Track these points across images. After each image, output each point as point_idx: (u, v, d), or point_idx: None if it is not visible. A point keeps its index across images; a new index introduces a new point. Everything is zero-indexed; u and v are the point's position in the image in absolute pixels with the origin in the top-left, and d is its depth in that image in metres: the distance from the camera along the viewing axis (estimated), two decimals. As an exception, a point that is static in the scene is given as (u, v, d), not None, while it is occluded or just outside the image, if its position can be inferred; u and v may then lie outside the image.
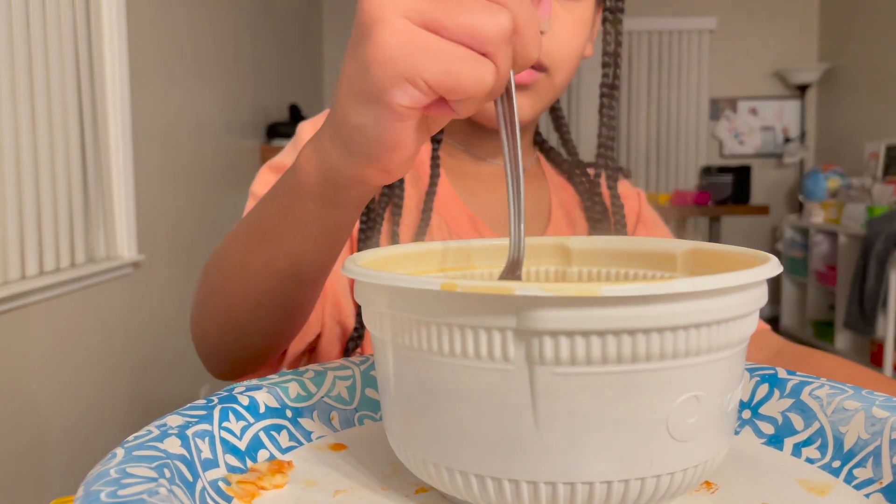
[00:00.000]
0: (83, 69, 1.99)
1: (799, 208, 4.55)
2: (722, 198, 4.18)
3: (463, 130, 0.70)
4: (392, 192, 0.65)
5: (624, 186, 0.78)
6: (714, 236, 4.00)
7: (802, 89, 4.69)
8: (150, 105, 2.34)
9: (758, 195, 4.75)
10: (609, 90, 0.69)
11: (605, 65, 0.69)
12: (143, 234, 2.28)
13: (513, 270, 0.36)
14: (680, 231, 4.05)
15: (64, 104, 1.90)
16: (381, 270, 0.32)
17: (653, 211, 0.79)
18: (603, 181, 0.73)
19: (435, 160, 0.66)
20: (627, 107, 4.85)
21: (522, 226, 0.35)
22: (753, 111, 4.84)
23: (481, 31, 0.30)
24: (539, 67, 0.61)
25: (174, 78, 2.53)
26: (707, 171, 4.35)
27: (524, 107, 0.62)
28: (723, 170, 4.27)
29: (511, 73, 0.32)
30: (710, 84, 4.80)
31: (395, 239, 0.64)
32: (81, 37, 1.99)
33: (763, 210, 3.88)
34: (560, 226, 0.72)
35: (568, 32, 0.61)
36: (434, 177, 0.66)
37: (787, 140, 4.79)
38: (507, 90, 0.34)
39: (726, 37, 4.75)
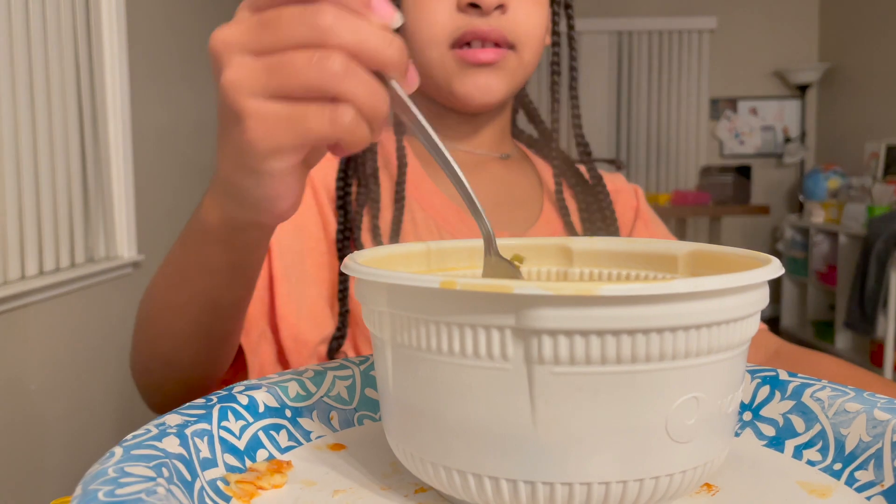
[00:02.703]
0: (83, 70, 1.99)
1: (799, 208, 4.55)
2: (722, 198, 4.18)
3: (432, 116, 0.70)
4: (368, 190, 0.65)
5: (620, 181, 0.79)
6: (714, 236, 4.00)
7: (803, 89, 4.69)
8: (150, 105, 2.34)
9: (758, 195, 4.74)
10: (557, 68, 0.71)
11: (554, 44, 0.71)
12: (143, 234, 2.28)
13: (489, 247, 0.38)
14: (680, 231, 4.05)
15: (64, 105, 1.90)
16: (380, 269, 0.32)
17: (650, 209, 0.80)
18: (583, 167, 0.76)
19: (400, 150, 0.66)
20: (627, 107, 4.84)
21: (480, 209, 0.37)
22: (754, 111, 4.83)
23: (315, 84, 0.30)
24: (505, 44, 0.62)
25: (173, 78, 2.53)
26: (707, 171, 4.35)
27: (492, 84, 0.63)
28: (723, 170, 4.27)
29: (393, 83, 0.32)
30: (711, 84, 4.80)
31: (376, 233, 0.64)
32: (81, 37, 1.99)
33: (763, 210, 3.88)
34: (552, 215, 0.72)
35: (528, 9, 0.63)
36: (401, 166, 0.66)
37: (787, 140, 4.79)
38: (395, 98, 0.33)
39: (726, 36, 4.74)
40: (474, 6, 0.60)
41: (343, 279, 0.63)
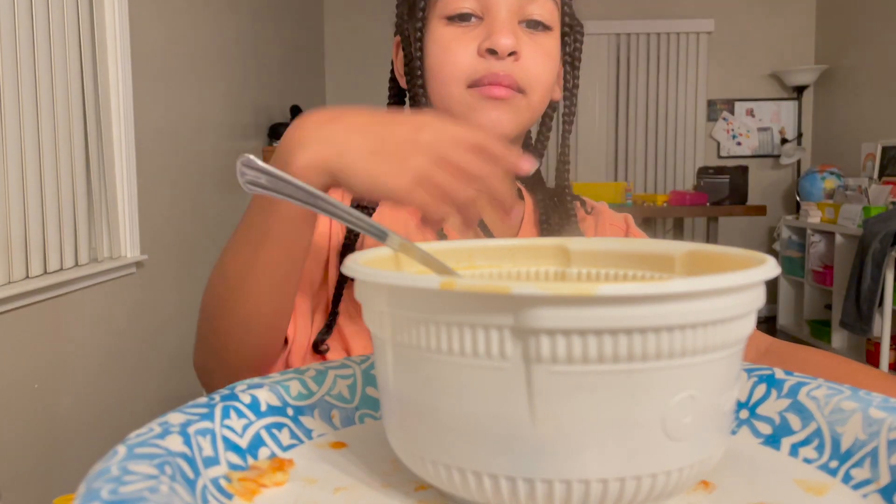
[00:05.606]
0: (87, 70, 1.99)
1: (796, 209, 4.56)
2: (719, 198, 4.18)
3: None
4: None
5: (609, 216, 0.83)
6: (711, 237, 4.00)
7: (799, 90, 4.70)
8: (153, 106, 2.34)
9: (755, 196, 4.75)
10: (569, 118, 0.78)
11: (565, 98, 0.78)
12: (146, 235, 2.28)
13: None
14: (677, 231, 4.05)
15: (68, 105, 1.90)
16: (381, 269, 0.32)
17: (642, 234, 0.83)
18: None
19: None
20: (626, 108, 4.85)
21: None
22: (750, 112, 4.84)
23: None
24: (515, 87, 0.70)
25: (176, 79, 2.53)
26: (704, 171, 4.35)
27: (503, 119, 0.70)
28: (720, 170, 4.27)
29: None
30: (708, 85, 4.80)
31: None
32: (85, 38, 1.99)
33: (760, 210, 3.88)
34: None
35: (538, 59, 0.70)
36: None
37: (784, 141, 4.80)
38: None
39: (724, 38, 4.75)
40: (492, 52, 0.68)
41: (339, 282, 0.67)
